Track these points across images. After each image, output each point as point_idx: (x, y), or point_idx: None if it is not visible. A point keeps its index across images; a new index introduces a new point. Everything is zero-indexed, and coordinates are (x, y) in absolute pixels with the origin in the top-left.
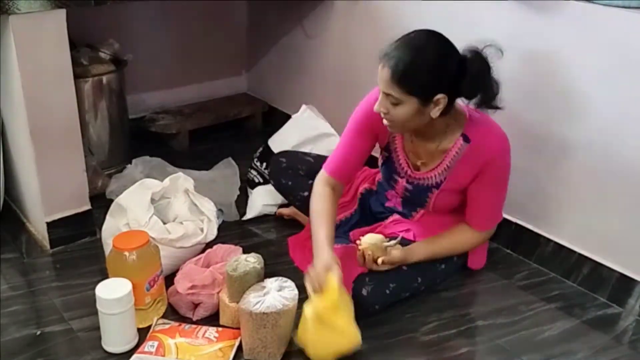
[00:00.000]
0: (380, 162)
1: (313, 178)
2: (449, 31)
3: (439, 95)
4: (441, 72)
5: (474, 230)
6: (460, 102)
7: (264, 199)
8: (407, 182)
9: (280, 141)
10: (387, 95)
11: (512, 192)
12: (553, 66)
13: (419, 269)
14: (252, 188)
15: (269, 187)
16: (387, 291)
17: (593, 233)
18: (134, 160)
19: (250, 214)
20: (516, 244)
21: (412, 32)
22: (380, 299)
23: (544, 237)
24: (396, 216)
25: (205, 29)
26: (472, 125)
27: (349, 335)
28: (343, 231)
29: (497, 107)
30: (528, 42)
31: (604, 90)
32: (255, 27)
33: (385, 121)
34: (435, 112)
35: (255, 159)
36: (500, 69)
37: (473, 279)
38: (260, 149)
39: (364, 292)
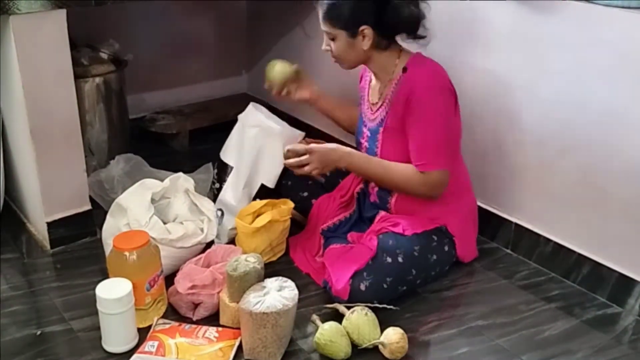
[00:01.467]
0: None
1: (310, 179)
2: (449, 31)
3: (363, 26)
4: (360, 3)
5: (414, 168)
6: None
7: (232, 223)
8: (366, 128)
9: (226, 147)
10: (325, 33)
11: (512, 192)
12: (553, 66)
13: (410, 261)
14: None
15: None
16: (385, 285)
17: (593, 233)
18: (117, 157)
19: (223, 240)
20: (516, 244)
21: None
22: (379, 294)
23: (544, 237)
24: (382, 213)
25: (205, 29)
26: (415, 60)
27: None
28: (342, 232)
29: (421, 37)
30: (528, 42)
31: (604, 90)
32: (255, 27)
33: (332, 59)
34: (365, 43)
35: (214, 173)
36: (500, 69)
37: (473, 278)
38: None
39: (362, 287)
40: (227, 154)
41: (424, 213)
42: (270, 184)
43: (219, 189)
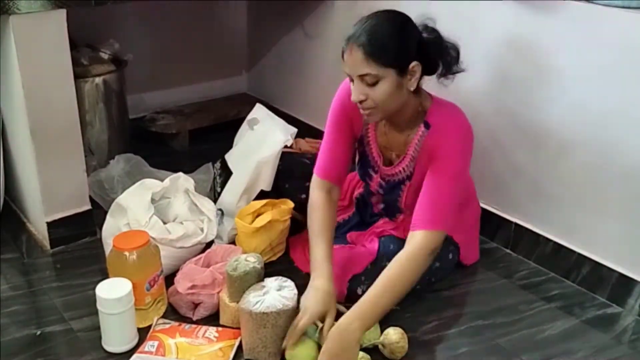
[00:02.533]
0: (357, 160)
1: (310, 180)
2: (449, 31)
3: (414, 63)
4: (408, 37)
5: (415, 242)
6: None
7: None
8: (381, 177)
9: (232, 150)
10: (362, 77)
11: (512, 192)
12: (553, 66)
13: None
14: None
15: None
16: None
17: (593, 233)
18: (117, 157)
19: (224, 239)
20: (516, 243)
21: (363, 17)
22: None
23: (544, 237)
24: (385, 218)
25: (205, 29)
26: (435, 111)
27: None
28: (341, 232)
29: (460, 70)
30: (528, 42)
31: (604, 90)
32: (255, 27)
33: (364, 110)
34: (412, 83)
35: (217, 172)
36: (500, 69)
37: (473, 278)
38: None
39: (359, 291)
40: (231, 157)
41: None
42: (268, 187)
43: (219, 194)
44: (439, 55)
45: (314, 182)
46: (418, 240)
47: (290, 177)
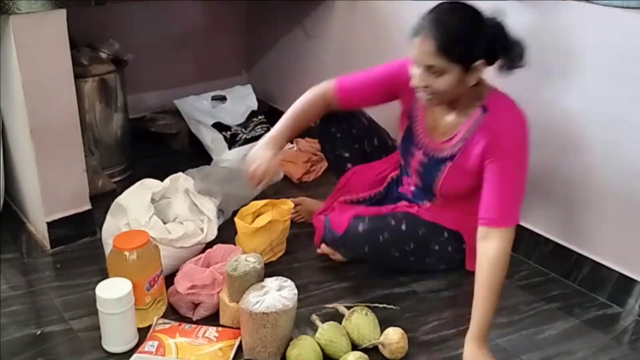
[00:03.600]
0: (399, 138)
1: (360, 141)
2: None
3: (479, 62)
4: (481, 35)
5: (494, 233)
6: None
7: None
8: (424, 154)
9: None
10: (428, 67)
11: None
12: (552, 66)
13: (413, 235)
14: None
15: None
16: (381, 238)
17: (593, 233)
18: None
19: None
20: (516, 243)
21: (438, 5)
22: (373, 244)
23: (544, 237)
24: (404, 202)
25: (205, 29)
26: (493, 98)
27: None
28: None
29: (523, 65)
30: (528, 42)
31: (604, 90)
32: (255, 27)
33: (422, 94)
34: (474, 78)
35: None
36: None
37: (473, 278)
38: None
39: (360, 228)
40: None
41: (451, 220)
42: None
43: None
44: (504, 52)
45: (322, 86)
46: (502, 240)
47: (341, 127)
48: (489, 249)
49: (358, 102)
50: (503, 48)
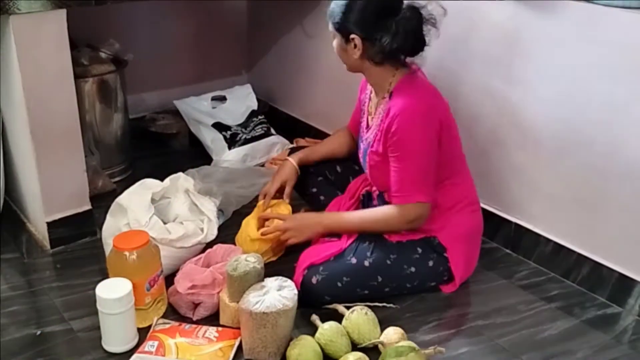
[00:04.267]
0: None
1: (321, 174)
2: (450, 30)
3: (353, 35)
4: (358, 13)
5: (393, 206)
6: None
7: None
8: (361, 143)
9: None
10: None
11: (512, 192)
12: (553, 66)
13: (379, 268)
14: None
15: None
16: (339, 284)
17: (593, 233)
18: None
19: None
20: (516, 243)
21: None
22: (332, 291)
23: (544, 237)
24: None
25: (206, 29)
26: (403, 84)
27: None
28: None
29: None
30: (528, 42)
31: (604, 90)
32: (255, 27)
33: None
34: (355, 52)
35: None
36: (500, 69)
37: (473, 278)
38: None
39: (314, 280)
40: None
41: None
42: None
43: None
44: (382, 34)
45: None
46: (396, 209)
47: (305, 169)
48: (382, 207)
49: (358, 120)
50: (382, 30)
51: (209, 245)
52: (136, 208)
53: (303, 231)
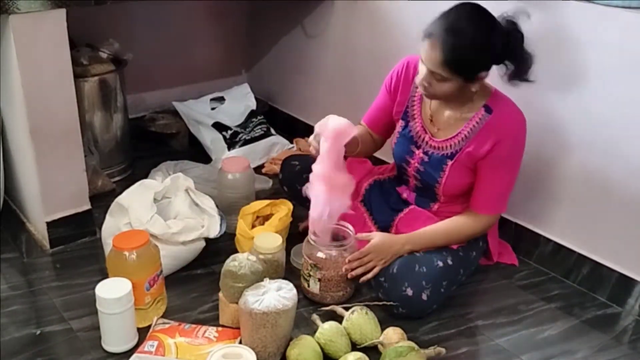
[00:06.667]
0: (393, 142)
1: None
2: None
3: (484, 73)
4: (488, 52)
5: (474, 214)
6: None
7: None
8: (424, 152)
9: None
10: (432, 72)
11: (513, 192)
12: (553, 66)
13: (460, 262)
14: None
15: None
16: (442, 289)
17: (593, 233)
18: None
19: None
20: (516, 244)
21: (456, 6)
22: (438, 298)
23: (544, 237)
24: (412, 207)
25: (205, 29)
26: (496, 98)
27: None
28: None
29: (528, 80)
30: (528, 42)
31: (604, 90)
32: (255, 27)
33: (423, 90)
34: (476, 86)
35: None
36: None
37: (473, 278)
38: None
39: (424, 296)
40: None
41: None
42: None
43: None
44: (514, 62)
45: (359, 127)
46: (479, 219)
47: (307, 179)
48: (461, 216)
49: (382, 119)
50: (510, 59)
51: (212, 244)
52: (138, 207)
53: (389, 255)
